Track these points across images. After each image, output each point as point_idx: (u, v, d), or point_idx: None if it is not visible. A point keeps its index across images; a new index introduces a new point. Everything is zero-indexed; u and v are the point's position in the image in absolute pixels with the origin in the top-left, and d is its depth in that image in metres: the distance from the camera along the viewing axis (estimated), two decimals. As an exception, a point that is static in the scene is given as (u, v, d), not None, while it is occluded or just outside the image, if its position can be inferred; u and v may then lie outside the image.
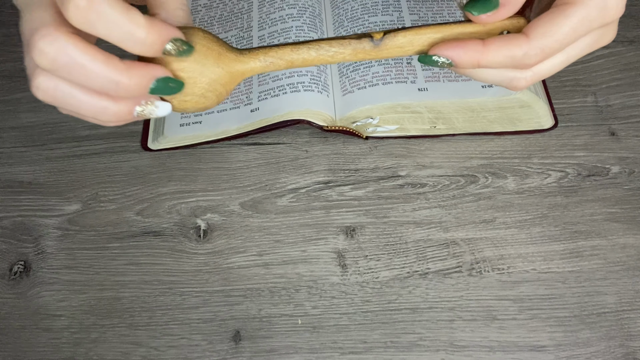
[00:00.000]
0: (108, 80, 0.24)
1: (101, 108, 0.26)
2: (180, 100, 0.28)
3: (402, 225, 0.42)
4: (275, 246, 0.41)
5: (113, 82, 0.24)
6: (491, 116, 0.44)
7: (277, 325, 0.38)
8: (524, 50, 0.28)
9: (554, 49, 0.28)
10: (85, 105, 0.25)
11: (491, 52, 0.28)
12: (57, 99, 0.25)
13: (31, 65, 0.25)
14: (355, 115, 0.44)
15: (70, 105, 0.26)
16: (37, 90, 0.25)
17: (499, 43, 0.28)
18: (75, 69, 0.24)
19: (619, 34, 0.51)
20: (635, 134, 0.45)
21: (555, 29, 0.28)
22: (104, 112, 0.26)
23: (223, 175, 0.45)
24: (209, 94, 0.28)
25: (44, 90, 0.25)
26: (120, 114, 0.26)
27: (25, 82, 0.50)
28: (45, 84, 0.25)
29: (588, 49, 0.30)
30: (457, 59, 0.29)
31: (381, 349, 0.37)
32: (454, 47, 0.29)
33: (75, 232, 0.42)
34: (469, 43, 0.29)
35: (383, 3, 0.50)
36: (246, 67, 0.29)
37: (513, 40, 0.28)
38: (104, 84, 0.25)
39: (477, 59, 0.29)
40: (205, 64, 0.27)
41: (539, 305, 0.38)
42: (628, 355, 0.37)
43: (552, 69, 0.30)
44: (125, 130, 0.47)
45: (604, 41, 0.30)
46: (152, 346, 0.38)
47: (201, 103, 0.29)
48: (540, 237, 0.41)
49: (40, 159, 0.46)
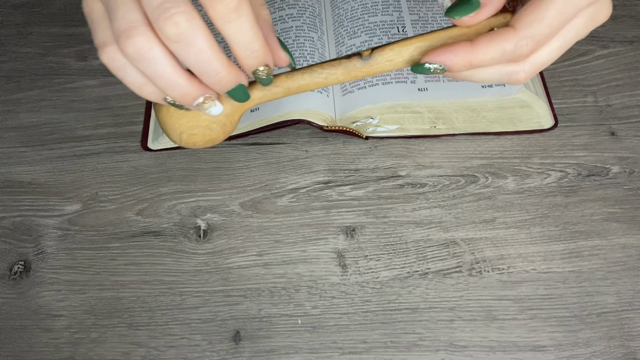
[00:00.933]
0: (212, 67, 0.26)
1: (177, 83, 0.27)
2: (189, 134, 0.31)
3: (402, 225, 0.42)
4: (275, 246, 0.41)
5: (214, 70, 0.27)
6: (491, 116, 0.44)
7: (277, 325, 0.38)
8: (513, 43, 0.28)
9: (544, 35, 0.28)
10: (165, 75, 0.27)
11: (481, 51, 0.29)
12: (141, 60, 0.26)
13: (129, 20, 0.25)
14: (355, 115, 0.44)
15: (149, 69, 0.26)
16: (131, 46, 0.25)
17: (487, 40, 0.29)
18: (192, 46, 0.25)
19: (619, 34, 0.51)
20: (635, 134, 0.45)
21: (541, 15, 0.28)
22: (176, 88, 0.27)
23: (223, 175, 0.45)
24: (213, 125, 0.30)
25: (137, 49, 0.25)
26: (188, 96, 0.28)
27: (25, 82, 0.50)
28: (142, 44, 0.25)
29: (584, 29, 0.30)
30: (448, 63, 0.29)
31: (381, 349, 0.37)
32: (444, 52, 0.29)
33: (75, 232, 0.42)
34: (457, 46, 0.29)
35: (383, 3, 0.50)
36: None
37: (501, 34, 0.28)
38: (204, 68, 0.26)
39: (468, 60, 0.29)
40: None
41: (539, 305, 0.38)
42: (628, 355, 0.37)
43: (550, 56, 0.30)
44: (125, 130, 0.47)
45: (599, 18, 0.30)
46: (152, 346, 0.38)
47: (207, 135, 0.31)
48: (540, 237, 0.41)
49: (40, 159, 0.46)
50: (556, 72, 0.49)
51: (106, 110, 0.48)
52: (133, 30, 0.25)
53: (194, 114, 0.30)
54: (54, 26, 0.54)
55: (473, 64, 0.29)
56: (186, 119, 0.30)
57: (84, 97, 0.49)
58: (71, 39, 0.53)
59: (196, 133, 0.31)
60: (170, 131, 0.31)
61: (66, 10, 0.55)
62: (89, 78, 0.50)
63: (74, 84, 0.50)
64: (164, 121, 0.31)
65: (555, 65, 0.49)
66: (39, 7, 0.55)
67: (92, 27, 0.27)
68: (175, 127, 0.31)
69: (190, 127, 0.30)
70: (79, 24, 0.54)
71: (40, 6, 0.55)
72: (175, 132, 0.31)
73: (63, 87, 0.50)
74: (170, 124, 0.31)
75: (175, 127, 0.31)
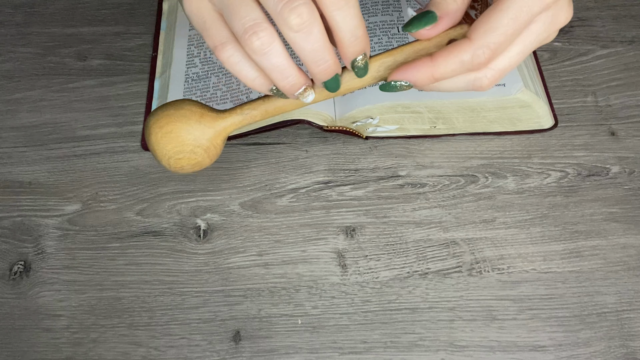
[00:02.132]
0: (322, 55, 0.29)
1: (289, 74, 0.29)
2: (175, 159, 0.33)
3: (402, 225, 0.42)
4: (275, 246, 0.41)
5: (324, 59, 0.29)
6: (491, 116, 0.44)
7: (277, 325, 0.38)
8: (470, 53, 0.29)
9: (499, 43, 0.29)
10: (281, 67, 0.29)
11: (441, 64, 0.30)
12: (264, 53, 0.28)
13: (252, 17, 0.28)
14: (355, 115, 0.44)
15: (268, 62, 0.29)
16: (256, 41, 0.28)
17: (445, 53, 0.30)
18: (310, 35, 0.28)
19: (619, 34, 0.51)
20: (635, 134, 0.45)
21: (494, 25, 0.29)
22: (288, 78, 0.29)
23: (223, 175, 0.45)
24: (197, 149, 0.32)
25: (262, 43, 0.28)
26: (295, 86, 0.30)
27: (25, 82, 0.50)
28: (267, 38, 0.28)
29: (544, 32, 0.30)
30: (412, 79, 0.31)
31: (381, 349, 0.37)
32: (407, 70, 0.31)
33: (75, 232, 0.42)
34: (418, 62, 0.31)
35: (383, 3, 0.50)
36: (226, 122, 0.33)
37: (457, 46, 0.30)
38: (316, 56, 0.29)
39: (430, 74, 0.30)
40: (189, 123, 0.32)
41: (539, 305, 0.38)
42: (628, 355, 0.37)
43: (511, 61, 0.31)
44: (125, 130, 0.47)
45: (558, 21, 0.31)
46: (152, 346, 0.38)
47: (193, 159, 0.33)
48: (540, 237, 0.41)
49: (40, 159, 0.46)
50: (556, 72, 0.49)
51: (106, 110, 0.48)
52: (258, 27, 0.27)
53: (179, 141, 0.32)
54: (54, 26, 0.54)
55: (436, 77, 0.30)
56: (172, 145, 0.32)
57: (84, 97, 0.49)
58: (71, 39, 0.53)
59: (182, 157, 0.33)
60: (160, 157, 0.33)
61: (66, 10, 0.55)
62: (89, 78, 0.50)
63: (74, 84, 0.50)
64: (154, 149, 0.33)
65: (555, 65, 0.49)
66: (39, 7, 0.55)
67: (205, 27, 0.30)
68: (164, 152, 0.33)
69: (176, 152, 0.32)
70: (79, 24, 0.54)
71: (40, 6, 0.55)
72: (164, 157, 0.33)
73: (63, 87, 0.50)
74: (158, 150, 0.33)
75: (163, 153, 0.33)
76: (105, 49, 0.52)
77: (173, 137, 0.32)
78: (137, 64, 0.51)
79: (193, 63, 0.49)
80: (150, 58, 0.51)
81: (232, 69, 0.30)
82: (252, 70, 0.30)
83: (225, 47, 0.29)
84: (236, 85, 0.47)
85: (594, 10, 0.52)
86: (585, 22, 0.52)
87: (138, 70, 0.50)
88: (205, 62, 0.49)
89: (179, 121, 0.32)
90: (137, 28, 0.53)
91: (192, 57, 0.49)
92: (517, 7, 0.29)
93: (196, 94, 0.47)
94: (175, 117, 0.32)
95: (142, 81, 0.50)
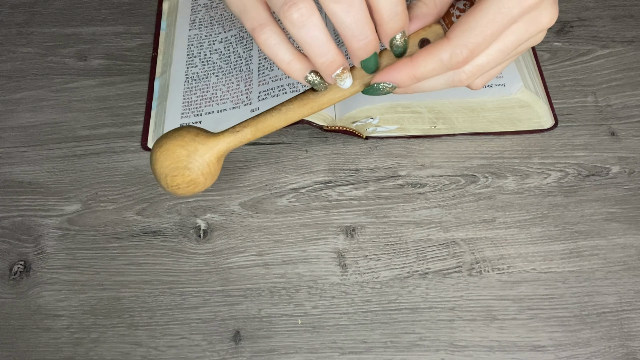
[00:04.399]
0: (363, 30, 0.28)
1: (328, 50, 0.29)
2: (171, 177, 0.33)
3: (402, 225, 0.42)
4: (275, 246, 0.41)
5: (364, 34, 0.29)
6: (491, 116, 0.44)
7: (277, 325, 0.38)
8: (448, 52, 0.30)
9: (477, 43, 0.29)
10: (320, 41, 0.29)
11: (421, 64, 0.30)
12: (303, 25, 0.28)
13: None
14: (355, 115, 0.44)
15: (307, 35, 0.28)
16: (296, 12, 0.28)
17: (424, 53, 0.30)
18: (352, 7, 0.27)
19: (619, 34, 0.51)
20: (635, 134, 0.45)
21: (473, 25, 0.29)
22: (326, 54, 0.29)
23: (223, 175, 0.45)
24: (190, 164, 0.33)
25: (301, 14, 0.28)
26: (333, 64, 0.30)
27: (25, 82, 0.50)
28: (306, 9, 0.28)
29: (525, 33, 0.30)
30: (395, 80, 0.31)
31: (381, 349, 0.37)
32: (389, 72, 0.31)
33: (75, 232, 0.42)
34: (399, 63, 0.31)
35: (383, 3, 0.50)
36: (219, 140, 0.34)
37: (436, 46, 0.30)
38: (357, 30, 0.28)
39: (412, 74, 0.31)
40: (184, 140, 0.33)
41: (539, 305, 0.38)
42: (628, 355, 0.37)
43: (490, 58, 0.31)
44: (125, 130, 0.47)
45: (540, 22, 0.31)
46: (152, 346, 0.38)
47: (187, 176, 0.33)
48: (540, 237, 0.41)
49: (40, 159, 0.46)
50: (556, 72, 0.49)
51: (106, 110, 0.48)
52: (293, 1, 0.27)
53: (175, 156, 0.33)
54: (54, 26, 0.54)
55: (417, 77, 0.31)
56: (168, 162, 0.33)
57: (84, 97, 0.49)
58: (71, 39, 0.53)
59: (177, 175, 0.33)
60: (159, 176, 0.34)
61: (66, 10, 0.55)
62: (89, 78, 0.50)
63: (74, 84, 0.50)
64: (154, 169, 0.34)
65: (555, 65, 0.49)
66: (39, 7, 0.55)
67: (245, 10, 0.30)
68: (161, 170, 0.33)
69: (172, 169, 0.33)
70: (79, 24, 0.54)
71: (40, 6, 0.55)
72: (162, 175, 0.33)
73: (63, 87, 0.50)
74: (157, 168, 0.33)
75: (161, 171, 0.33)
76: (105, 49, 0.52)
77: (169, 153, 0.33)
78: (137, 64, 0.51)
79: (193, 63, 0.49)
80: (150, 58, 0.51)
81: (269, 52, 0.30)
82: (288, 52, 0.30)
83: (264, 28, 0.29)
84: (236, 86, 0.47)
85: (594, 10, 0.52)
86: (585, 22, 0.52)
87: (138, 70, 0.50)
88: (205, 62, 0.49)
89: (174, 139, 0.33)
90: (137, 28, 0.53)
91: (192, 57, 0.49)
92: (495, 8, 0.29)
93: (196, 93, 0.47)
94: (172, 136, 0.33)
95: (142, 81, 0.50)
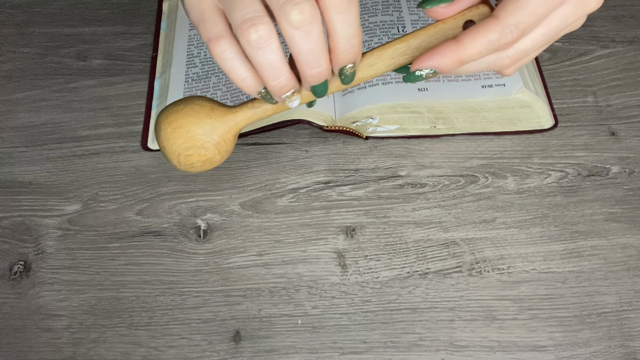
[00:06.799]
0: (318, 58, 0.28)
1: (281, 74, 0.28)
2: (185, 156, 0.31)
3: (402, 225, 0.42)
4: (275, 246, 0.41)
5: (318, 62, 0.28)
6: (491, 116, 0.44)
7: (277, 325, 0.38)
8: (498, 32, 0.28)
9: (528, 23, 0.28)
10: (275, 65, 0.28)
11: (468, 46, 0.28)
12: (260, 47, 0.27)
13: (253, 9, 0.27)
14: (355, 115, 0.44)
15: (263, 57, 0.28)
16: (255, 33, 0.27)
17: (472, 34, 0.28)
18: (310, 35, 0.27)
19: (619, 34, 0.51)
20: (635, 134, 0.45)
21: (524, 4, 0.28)
22: (279, 77, 0.29)
23: (223, 175, 0.45)
24: (207, 144, 0.31)
25: (260, 36, 0.27)
26: (285, 87, 0.29)
27: (25, 82, 0.50)
28: (265, 32, 0.27)
29: (571, 16, 0.29)
30: (439, 66, 0.29)
31: (381, 349, 0.37)
32: (432, 56, 0.29)
33: (75, 232, 0.42)
34: (443, 47, 0.29)
35: (383, 3, 0.50)
36: (237, 116, 0.32)
37: (484, 26, 0.28)
38: (312, 58, 0.28)
39: (458, 58, 0.29)
40: (199, 117, 0.31)
41: (539, 305, 0.38)
42: (628, 355, 0.37)
43: (534, 43, 0.30)
44: (125, 130, 0.47)
45: (587, 5, 0.30)
46: (152, 346, 0.38)
47: (203, 155, 0.32)
48: (540, 237, 0.41)
49: (40, 159, 0.46)
50: (556, 72, 0.49)
51: (106, 110, 0.48)
52: (258, 19, 0.27)
53: (189, 135, 0.31)
54: (54, 26, 0.54)
55: (463, 60, 0.29)
56: (182, 140, 0.31)
57: (84, 97, 0.49)
58: (71, 39, 0.53)
59: (192, 154, 0.31)
60: (170, 155, 0.32)
61: (66, 10, 0.55)
62: (89, 78, 0.50)
63: (74, 84, 0.50)
64: (163, 146, 0.32)
65: (555, 65, 0.49)
66: (39, 7, 0.55)
67: (201, 20, 0.29)
68: (173, 149, 0.31)
69: (186, 148, 0.31)
70: (79, 24, 0.54)
71: (40, 6, 0.55)
72: (174, 154, 0.32)
73: (63, 87, 0.50)
74: (168, 147, 0.32)
75: (173, 150, 0.32)
76: (105, 49, 0.52)
77: (183, 132, 0.31)
78: (137, 64, 0.51)
79: (193, 63, 0.49)
80: (150, 58, 0.51)
81: (224, 65, 0.29)
82: (243, 69, 0.29)
83: (220, 40, 0.28)
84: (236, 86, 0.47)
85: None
86: (585, 22, 0.52)
87: (138, 70, 0.50)
88: (205, 62, 0.49)
89: (188, 115, 0.31)
90: (137, 28, 0.53)
91: (192, 57, 0.49)
92: None
93: (196, 94, 0.47)
94: (185, 112, 0.31)
95: (142, 81, 0.50)
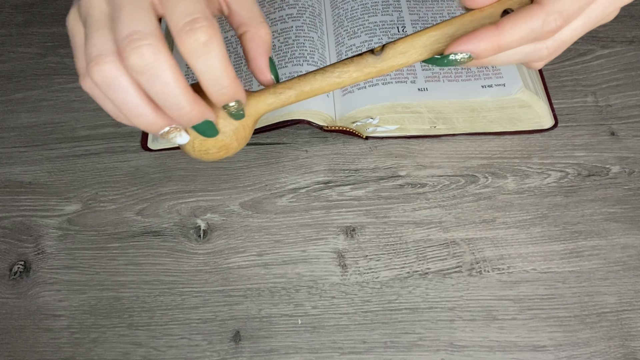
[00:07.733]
0: (175, 101, 0.26)
1: (141, 113, 0.27)
2: (200, 141, 0.30)
3: (402, 225, 0.42)
4: (275, 246, 0.41)
5: (178, 105, 0.26)
6: (491, 116, 0.44)
7: (277, 325, 0.38)
8: (541, 19, 0.27)
9: (572, 10, 0.27)
10: (131, 105, 0.27)
11: (508, 32, 0.27)
12: (108, 87, 0.26)
13: (100, 47, 0.26)
14: (355, 115, 0.44)
15: (115, 97, 0.26)
16: (98, 73, 0.25)
17: (514, 19, 0.27)
18: (156, 79, 0.25)
19: (619, 34, 0.51)
20: (635, 134, 0.45)
21: None
22: (140, 117, 0.27)
23: (223, 175, 0.45)
24: (225, 129, 0.30)
25: (104, 76, 0.26)
26: (153, 125, 0.28)
27: (25, 82, 0.50)
28: (110, 72, 0.25)
29: (610, 6, 0.28)
30: (476, 50, 0.28)
31: (381, 349, 0.37)
32: (469, 40, 0.28)
33: (75, 232, 0.42)
34: (482, 31, 0.28)
35: (383, 3, 0.50)
36: (259, 100, 0.30)
37: (527, 12, 0.27)
38: (168, 101, 0.26)
39: (496, 43, 0.28)
40: None
41: (539, 305, 0.38)
42: (628, 355, 0.37)
43: (573, 34, 0.29)
44: (125, 130, 0.47)
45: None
46: (152, 346, 0.38)
47: (220, 140, 0.30)
48: (540, 237, 0.41)
49: (40, 159, 0.46)
50: (556, 72, 0.49)
51: (106, 110, 0.48)
52: (102, 59, 0.25)
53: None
54: (54, 26, 0.54)
55: (501, 46, 0.28)
56: None
57: (84, 97, 0.49)
58: (71, 39, 0.53)
59: (208, 139, 0.30)
60: None
61: (66, 10, 0.55)
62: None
63: (74, 84, 0.50)
64: None
65: (555, 65, 0.49)
66: (39, 7, 0.55)
67: (73, 51, 0.28)
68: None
69: None
70: (79, 24, 0.54)
71: (40, 6, 0.55)
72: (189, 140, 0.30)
73: (63, 87, 0.50)
74: None
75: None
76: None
77: None
78: (137, 64, 0.51)
79: (193, 63, 0.49)
80: (150, 58, 0.51)
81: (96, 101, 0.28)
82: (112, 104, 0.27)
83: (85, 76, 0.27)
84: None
85: (594, 10, 0.52)
86: (585, 22, 0.52)
87: (138, 70, 0.50)
88: (205, 62, 0.49)
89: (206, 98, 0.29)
90: (137, 28, 0.53)
91: (192, 57, 0.49)
92: None
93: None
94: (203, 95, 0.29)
95: (142, 81, 0.50)
